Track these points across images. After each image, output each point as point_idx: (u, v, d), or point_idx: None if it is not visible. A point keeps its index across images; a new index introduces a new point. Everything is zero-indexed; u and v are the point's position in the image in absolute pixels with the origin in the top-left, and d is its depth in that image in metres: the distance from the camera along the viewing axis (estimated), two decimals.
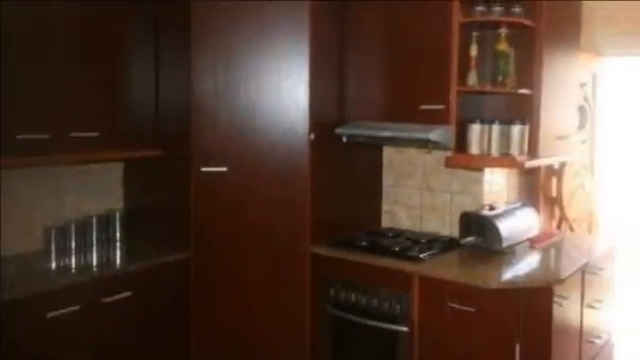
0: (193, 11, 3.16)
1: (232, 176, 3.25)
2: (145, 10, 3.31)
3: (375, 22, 3.46)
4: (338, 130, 3.46)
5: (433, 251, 3.22)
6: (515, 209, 3.51)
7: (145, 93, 3.36)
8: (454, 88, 3.12)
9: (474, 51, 3.21)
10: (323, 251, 3.32)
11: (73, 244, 3.26)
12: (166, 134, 3.37)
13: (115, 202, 3.59)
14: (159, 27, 3.37)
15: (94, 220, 3.38)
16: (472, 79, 3.19)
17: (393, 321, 3.07)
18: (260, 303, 3.31)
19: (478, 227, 3.29)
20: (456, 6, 3.10)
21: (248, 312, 3.30)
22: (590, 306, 3.29)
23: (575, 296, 3.11)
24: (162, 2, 3.32)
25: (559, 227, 4.58)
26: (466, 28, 3.17)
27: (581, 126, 4.64)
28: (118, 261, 3.28)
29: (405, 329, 3.03)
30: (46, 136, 2.82)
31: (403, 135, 3.27)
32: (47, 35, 2.85)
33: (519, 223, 3.41)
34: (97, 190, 3.49)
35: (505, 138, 3.17)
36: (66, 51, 2.95)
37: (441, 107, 3.15)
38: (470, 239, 3.31)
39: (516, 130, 3.15)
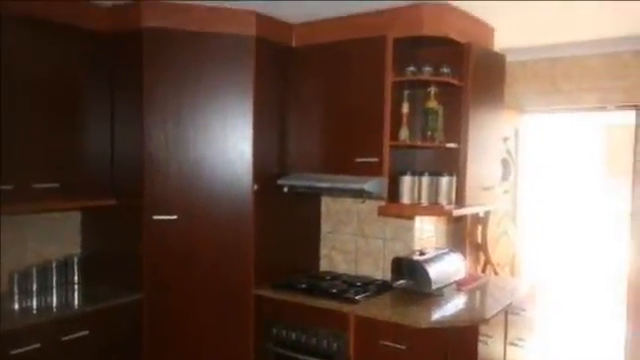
0: (145, 73, 3.30)
1: (181, 223, 3.38)
2: (102, 71, 3.43)
3: (314, 83, 3.65)
4: (280, 181, 3.61)
5: (367, 293, 3.36)
6: (443, 254, 3.65)
7: (101, 147, 3.45)
8: (387, 142, 3.30)
9: (406, 108, 3.39)
10: (266, 293, 3.47)
11: (35, 287, 3.37)
12: (120, 185, 3.47)
13: (73, 248, 3.69)
14: (114, 87, 3.48)
15: (54, 264, 3.48)
16: (404, 134, 3.37)
17: (331, 358, 3.20)
18: (208, 341, 3.44)
19: (409, 271, 3.44)
20: (389, 67, 3.29)
21: (197, 349, 3.43)
22: (513, 344, 3.45)
23: (499, 335, 3.27)
24: (117, 64, 3.45)
25: (484, 271, 4.70)
26: (398, 87, 3.36)
27: (504, 178, 4.76)
28: (76, 302, 3.35)
29: None
30: (10, 187, 2.94)
31: (340, 186, 3.42)
32: (12, 94, 2.97)
33: (447, 267, 3.56)
34: (57, 236, 3.60)
35: (434, 189, 3.34)
36: (30, 109, 3.09)
37: (375, 160, 3.33)
38: (402, 282, 3.46)
39: (444, 181, 3.31)
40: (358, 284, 3.56)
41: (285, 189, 3.61)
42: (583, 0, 3.22)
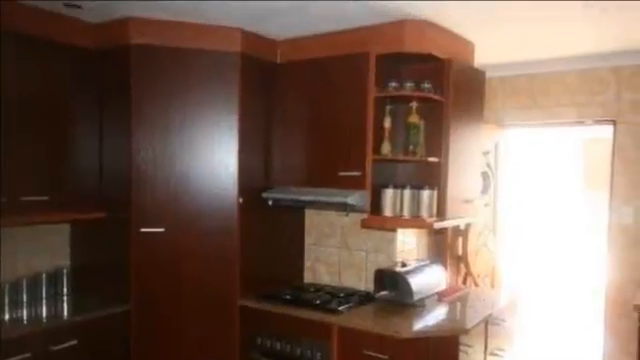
0: (133, 89, 3.37)
1: (169, 236, 3.45)
2: (91, 87, 3.51)
3: (298, 98, 3.74)
4: (264, 194, 3.69)
5: (350, 304, 3.42)
6: (425, 266, 3.72)
7: (90, 161, 3.53)
8: (369, 157, 3.37)
9: (388, 123, 3.46)
10: (251, 304, 3.53)
11: (25, 297, 3.43)
12: (109, 198, 3.54)
13: (63, 259, 3.75)
14: (103, 102, 3.56)
15: (44, 276, 3.54)
16: (386, 148, 3.44)
17: None
18: (195, 350, 3.50)
19: (391, 282, 3.51)
20: (371, 82, 3.36)
21: (184, 358, 3.49)
22: (493, 354, 3.52)
23: (479, 345, 3.35)
24: (106, 80, 3.53)
25: (465, 282, 4.73)
26: (381, 102, 3.44)
27: (484, 191, 4.82)
28: (65, 313, 3.39)
29: None
30: (0, 200, 3.00)
31: (323, 199, 3.49)
32: (4, 108, 3.04)
33: (428, 279, 3.63)
34: (47, 248, 3.66)
35: (416, 202, 3.40)
36: (20, 123, 3.14)
37: (358, 174, 3.40)
38: (384, 293, 3.53)
39: (426, 194, 3.37)
40: (341, 295, 3.63)
41: (270, 202, 3.69)
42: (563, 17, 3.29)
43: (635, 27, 3.50)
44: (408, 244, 3.90)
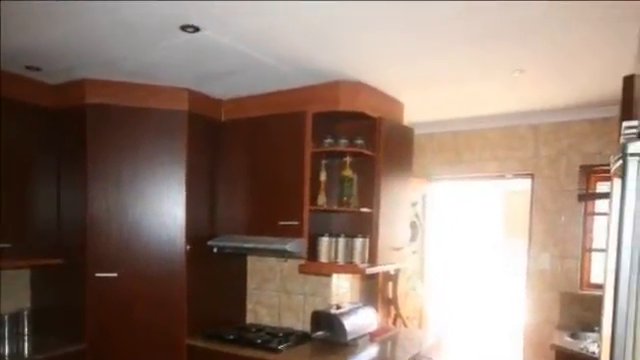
0: (88, 145, 3.57)
1: (121, 280, 3.63)
2: (49, 143, 3.71)
3: (240, 153, 3.93)
4: (210, 242, 3.87)
5: (289, 343, 3.60)
6: (358, 308, 3.91)
7: (49, 211, 3.71)
8: (307, 207, 3.57)
9: (323, 176, 3.67)
10: (198, 343, 3.71)
11: None
12: (66, 245, 3.71)
13: (24, 302, 3.93)
14: (61, 157, 3.74)
15: (6, 317, 3.72)
16: (322, 200, 3.64)
17: None
18: None
19: (327, 323, 3.71)
20: (308, 139, 3.56)
21: None
22: None
23: None
24: (64, 137, 3.72)
25: (394, 323, 4.91)
26: (317, 157, 3.63)
27: (412, 239, 5.01)
28: (26, 352, 3.54)
29: None
30: None
31: (264, 246, 3.65)
32: None
33: (361, 320, 3.82)
34: (9, 292, 3.82)
35: (349, 249, 3.59)
36: None
37: (296, 223, 3.58)
38: (320, 333, 3.75)
39: (358, 242, 3.57)
40: (281, 335, 3.79)
41: (215, 249, 3.86)
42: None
43: (551, 89, 3.74)
44: (342, 288, 4.05)
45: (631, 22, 2.30)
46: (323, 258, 3.62)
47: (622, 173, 1.50)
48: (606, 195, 2.85)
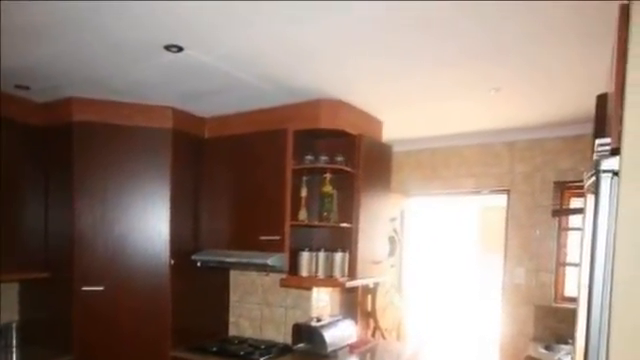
0: (75, 162, 3.64)
1: (107, 293, 3.70)
2: (37, 160, 3.77)
3: (223, 170, 4.00)
4: (194, 256, 3.95)
5: (271, 355, 3.69)
6: (337, 321, 3.98)
7: (36, 226, 3.77)
8: (288, 222, 3.65)
9: (304, 192, 3.76)
10: (182, 355, 3.78)
11: None
12: (53, 259, 3.78)
13: (12, 315, 3.98)
14: (49, 174, 3.81)
15: None
16: (303, 215, 3.73)
17: None
18: None
19: (308, 335, 3.79)
20: (289, 156, 3.65)
21: None
22: None
23: None
24: (51, 154, 3.79)
25: (373, 335, 5.02)
26: (298, 173, 3.71)
27: (391, 253, 5.10)
28: None
29: None
30: None
31: (246, 261, 3.74)
32: None
33: (341, 332, 3.90)
34: None
35: (329, 263, 3.68)
36: None
37: (277, 238, 3.66)
38: (301, 345, 3.83)
39: (338, 256, 3.67)
40: (262, 347, 3.87)
41: (198, 263, 3.95)
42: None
43: (526, 107, 3.86)
44: (322, 301, 4.13)
45: (604, 42, 2.39)
46: (304, 272, 3.70)
47: (595, 189, 1.52)
48: (580, 211, 2.95)
